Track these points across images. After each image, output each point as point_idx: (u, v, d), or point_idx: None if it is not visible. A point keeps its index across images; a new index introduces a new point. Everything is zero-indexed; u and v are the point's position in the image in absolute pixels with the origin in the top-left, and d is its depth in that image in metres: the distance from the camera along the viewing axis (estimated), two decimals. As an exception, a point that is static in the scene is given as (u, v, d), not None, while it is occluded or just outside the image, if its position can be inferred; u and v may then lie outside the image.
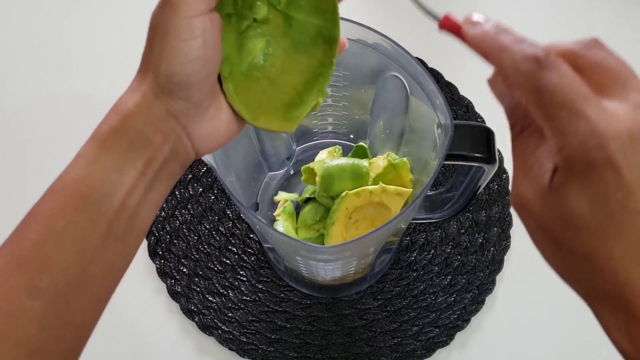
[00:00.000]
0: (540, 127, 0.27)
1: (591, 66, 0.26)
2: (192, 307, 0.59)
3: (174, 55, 0.31)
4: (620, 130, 0.24)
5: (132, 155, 0.32)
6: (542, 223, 0.26)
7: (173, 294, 0.59)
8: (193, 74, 0.31)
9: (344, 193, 0.51)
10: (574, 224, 0.25)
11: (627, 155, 0.24)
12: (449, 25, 0.31)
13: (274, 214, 0.57)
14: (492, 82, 0.29)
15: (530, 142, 0.28)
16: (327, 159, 0.55)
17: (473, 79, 0.69)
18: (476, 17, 0.28)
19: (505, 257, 0.61)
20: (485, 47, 0.27)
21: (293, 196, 0.58)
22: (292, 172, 0.62)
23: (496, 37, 0.26)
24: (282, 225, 0.54)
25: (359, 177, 0.52)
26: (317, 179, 0.53)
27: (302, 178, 0.55)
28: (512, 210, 0.63)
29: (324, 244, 0.53)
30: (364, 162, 0.54)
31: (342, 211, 0.51)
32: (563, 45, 0.27)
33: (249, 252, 0.61)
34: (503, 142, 0.45)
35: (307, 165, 0.54)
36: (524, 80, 0.25)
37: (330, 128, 0.61)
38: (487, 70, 0.28)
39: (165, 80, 0.31)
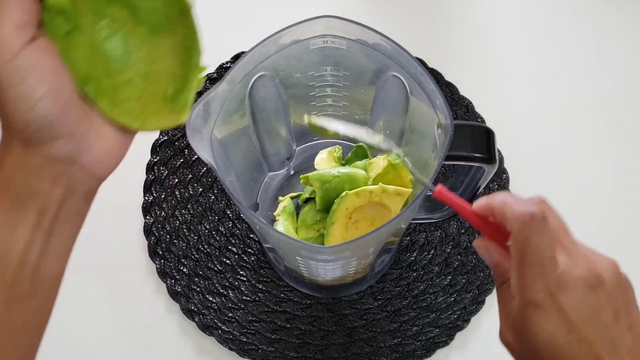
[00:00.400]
0: None
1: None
2: (192, 307, 0.59)
3: (17, 105, 0.28)
4: (563, 296, 0.33)
5: (20, 211, 0.30)
6: (518, 353, 0.36)
7: (173, 294, 0.59)
8: (47, 113, 0.29)
9: (343, 193, 0.51)
10: (538, 351, 0.34)
11: (572, 310, 0.33)
12: (445, 194, 0.38)
13: (274, 213, 0.57)
14: (478, 245, 0.37)
15: (508, 293, 0.36)
16: (324, 169, 0.54)
17: (473, 79, 0.69)
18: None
19: (505, 257, 0.61)
20: (491, 202, 0.35)
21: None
22: (292, 172, 0.62)
23: (502, 196, 0.35)
24: (283, 225, 0.54)
25: (357, 186, 0.53)
26: (317, 199, 0.53)
27: (301, 182, 0.55)
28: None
29: (324, 244, 0.53)
30: (361, 171, 0.54)
31: (342, 211, 0.51)
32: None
33: (249, 252, 0.61)
34: (503, 142, 0.45)
35: (306, 175, 0.54)
36: (523, 228, 0.33)
37: (330, 128, 0.61)
38: (487, 70, 0.28)
39: (25, 131, 0.29)
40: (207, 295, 0.59)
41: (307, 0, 0.70)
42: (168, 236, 0.61)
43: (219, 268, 0.61)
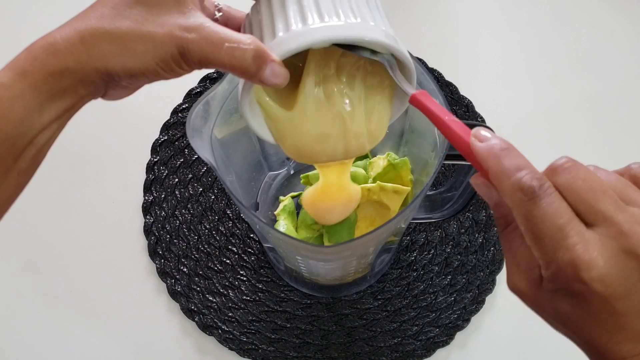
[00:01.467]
0: None
1: (567, 190, 0.29)
2: (192, 307, 0.59)
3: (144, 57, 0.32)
4: (596, 260, 0.27)
5: (58, 100, 0.32)
6: (537, 307, 0.31)
7: (173, 294, 0.59)
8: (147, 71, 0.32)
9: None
10: (563, 317, 0.30)
11: (603, 281, 0.27)
12: (421, 100, 0.34)
13: (275, 212, 0.57)
14: (475, 182, 0.33)
15: (515, 236, 0.32)
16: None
17: (473, 79, 0.69)
18: (483, 132, 0.31)
19: (505, 256, 0.61)
20: (488, 163, 0.30)
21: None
22: (292, 172, 0.62)
23: (500, 158, 0.30)
24: (283, 224, 0.54)
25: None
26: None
27: (301, 182, 0.55)
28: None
29: (324, 244, 0.53)
30: (360, 170, 0.54)
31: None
32: (544, 171, 0.30)
33: (249, 251, 0.61)
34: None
35: (306, 174, 0.54)
36: (518, 205, 0.29)
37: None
38: (487, 70, 0.28)
39: (121, 75, 0.32)
40: (207, 295, 0.59)
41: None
42: (168, 236, 0.61)
43: (219, 268, 0.61)
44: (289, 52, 0.34)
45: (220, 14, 0.38)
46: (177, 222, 0.62)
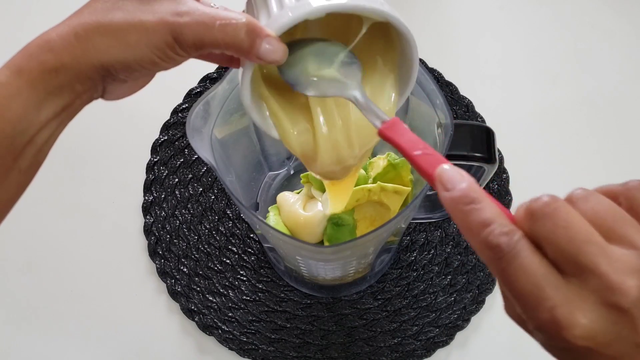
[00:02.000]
0: None
1: (546, 240, 0.26)
2: (192, 307, 0.59)
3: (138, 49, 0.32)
4: (579, 321, 0.25)
5: (55, 98, 0.32)
6: (532, 336, 0.30)
7: (173, 294, 0.59)
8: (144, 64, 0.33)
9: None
10: (553, 354, 0.29)
11: (589, 338, 0.25)
12: (388, 134, 0.32)
13: (269, 207, 0.57)
14: None
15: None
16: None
17: (473, 79, 0.69)
18: (450, 175, 0.28)
19: (505, 257, 0.61)
20: (455, 218, 0.28)
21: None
22: (292, 172, 0.62)
23: (465, 213, 0.27)
24: (273, 219, 0.54)
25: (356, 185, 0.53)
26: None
27: (301, 182, 0.55)
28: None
29: (323, 244, 0.53)
30: (361, 170, 0.54)
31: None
32: (522, 212, 0.27)
33: (249, 251, 0.61)
34: (503, 142, 0.45)
35: (306, 174, 0.54)
36: (489, 263, 0.27)
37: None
38: (487, 70, 0.28)
39: (115, 68, 0.32)
40: (207, 295, 0.59)
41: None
42: (168, 236, 0.61)
43: (219, 268, 0.61)
44: (283, 26, 0.33)
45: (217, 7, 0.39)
46: (177, 222, 0.62)
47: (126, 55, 0.32)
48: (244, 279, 0.60)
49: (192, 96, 0.68)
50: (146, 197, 0.63)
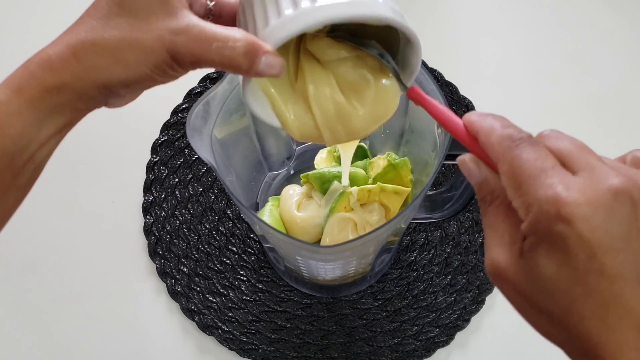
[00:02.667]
0: (508, 199, 0.29)
1: (554, 148, 0.29)
2: (192, 307, 0.59)
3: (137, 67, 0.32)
4: (580, 198, 0.26)
5: (56, 116, 0.32)
6: (517, 287, 0.28)
7: (173, 294, 0.59)
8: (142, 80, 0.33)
9: (341, 191, 0.51)
10: (546, 287, 0.26)
11: (588, 221, 0.25)
12: (418, 92, 0.35)
13: (270, 197, 0.57)
14: (462, 159, 0.33)
15: (499, 211, 0.30)
16: (324, 168, 0.54)
17: (473, 79, 0.69)
18: (475, 113, 0.32)
19: (505, 257, 0.61)
20: (478, 126, 0.31)
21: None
22: (292, 172, 0.62)
23: (490, 119, 0.31)
24: (268, 212, 0.54)
25: (356, 185, 0.53)
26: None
27: (301, 182, 0.55)
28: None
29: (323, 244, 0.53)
30: (361, 171, 0.54)
31: (341, 209, 0.51)
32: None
33: (249, 252, 0.61)
34: (503, 142, 0.45)
35: (306, 174, 0.54)
36: (504, 152, 0.29)
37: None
38: (487, 70, 0.28)
39: (115, 86, 0.32)
40: (207, 295, 0.59)
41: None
42: (168, 236, 0.61)
43: (219, 268, 0.61)
44: (281, 40, 0.33)
45: (213, 2, 0.38)
46: (177, 222, 0.62)
47: (126, 75, 0.32)
48: (244, 279, 0.60)
49: (192, 96, 0.68)
50: (146, 197, 0.63)
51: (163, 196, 0.63)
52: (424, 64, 0.67)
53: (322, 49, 0.36)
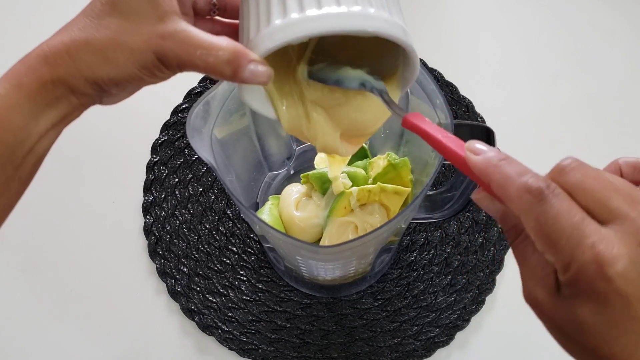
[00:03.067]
0: None
1: (577, 189, 0.28)
2: (192, 307, 0.59)
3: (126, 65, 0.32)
4: (619, 257, 0.26)
5: (53, 109, 0.33)
6: (553, 320, 0.29)
7: (173, 294, 0.59)
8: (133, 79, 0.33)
9: (341, 192, 0.51)
10: (581, 327, 0.28)
11: (626, 276, 0.26)
12: (414, 122, 0.33)
13: (270, 196, 0.57)
14: (478, 198, 0.32)
15: (527, 244, 0.30)
16: (324, 168, 0.55)
17: (473, 79, 0.69)
18: (478, 145, 0.30)
19: (505, 256, 0.61)
20: (489, 174, 0.29)
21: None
22: (292, 172, 0.62)
23: (500, 167, 0.29)
24: (267, 211, 0.54)
25: (356, 185, 0.53)
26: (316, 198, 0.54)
27: (301, 182, 0.55)
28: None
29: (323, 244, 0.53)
30: (360, 170, 0.54)
31: (341, 210, 0.51)
32: (549, 172, 0.29)
33: (249, 251, 0.61)
34: (503, 142, 0.45)
35: (306, 174, 0.54)
36: (527, 209, 0.28)
37: (330, 128, 0.61)
38: (487, 70, 0.28)
39: (107, 83, 0.33)
40: (207, 295, 0.59)
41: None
42: (168, 236, 0.61)
43: (219, 268, 0.61)
44: (268, 50, 0.33)
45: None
46: (177, 222, 0.62)
47: (115, 74, 0.33)
48: (244, 279, 0.60)
49: (192, 96, 0.68)
50: (146, 197, 0.63)
51: (163, 196, 0.63)
52: (424, 63, 0.67)
53: (304, 87, 0.38)
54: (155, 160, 0.64)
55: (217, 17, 0.40)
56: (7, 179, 0.33)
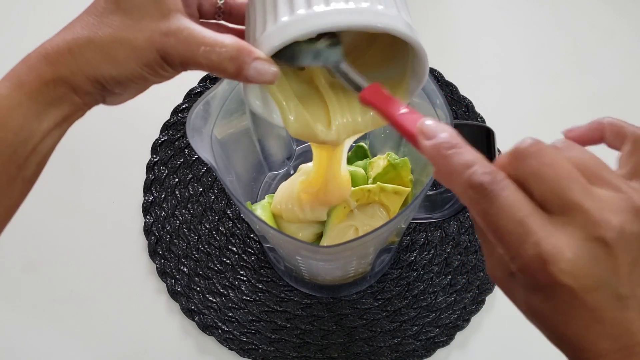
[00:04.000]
0: None
1: (532, 178, 0.27)
2: (193, 307, 0.59)
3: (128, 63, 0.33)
4: (564, 254, 0.25)
5: (55, 109, 0.33)
6: (512, 298, 0.29)
7: (173, 294, 0.59)
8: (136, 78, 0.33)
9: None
10: (534, 311, 0.28)
11: (571, 272, 0.25)
12: (369, 99, 0.32)
13: (266, 195, 0.57)
14: (437, 177, 0.30)
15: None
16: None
17: (473, 79, 0.69)
18: (430, 126, 0.29)
19: (505, 257, 0.61)
20: (436, 164, 0.28)
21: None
22: (292, 172, 0.62)
23: (448, 158, 0.28)
24: (261, 208, 0.54)
25: (355, 185, 0.53)
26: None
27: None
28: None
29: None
30: (360, 170, 0.54)
31: (341, 210, 0.51)
32: (506, 156, 0.28)
33: (249, 251, 0.61)
34: (503, 142, 0.45)
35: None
36: (472, 205, 0.27)
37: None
38: (487, 70, 0.28)
39: (110, 82, 0.33)
40: (207, 295, 0.59)
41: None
42: (168, 236, 0.61)
43: (219, 268, 0.61)
44: (274, 48, 0.32)
45: (222, 0, 0.39)
46: (177, 222, 0.62)
47: (118, 72, 0.33)
48: (244, 279, 0.60)
49: (192, 96, 0.68)
50: (146, 197, 0.63)
51: (163, 196, 0.63)
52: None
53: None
54: (155, 160, 0.64)
55: (223, 22, 0.40)
56: (10, 179, 0.33)
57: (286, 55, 0.34)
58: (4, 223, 0.35)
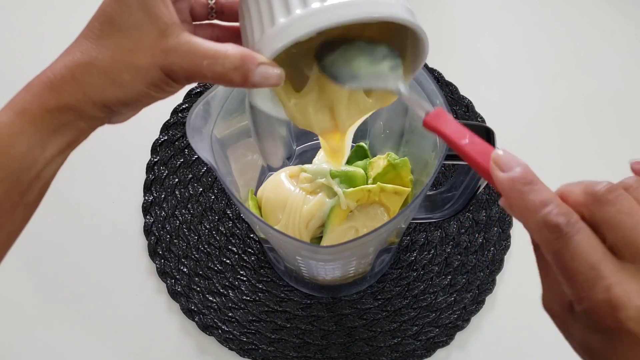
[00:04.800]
0: None
1: (607, 225, 0.27)
2: (193, 307, 0.59)
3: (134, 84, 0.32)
4: (635, 301, 0.26)
5: (59, 135, 0.33)
6: (566, 331, 0.30)
7: (173, 294, 0.59)
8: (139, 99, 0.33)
9: (341, 192, 0.51)
10: (590, 348, 0.29)
11: (637, 319, 0.26)
12: (435, 125, 0.31)
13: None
14: (504, 206, 0.30)
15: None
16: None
17: (473, 79, 0.69)
18: (505, 158, 0.29)
19: (505, 257, 0.61)
20: (510, 198, 0.28)
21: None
22: (292, 172, 0.62)
23: (523, 194, 0.28)
24: (250, 193, 0.55)
25: (355, 185, 0.53)
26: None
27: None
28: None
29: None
30: (360, 170, 0.54)
31: (341, 211, 0.51)
32: (581, 195, 0.28)
33: (249, 251, 0.61)
34: (503, 142, 0.45)
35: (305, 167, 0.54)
36: (545, 244, 0.27)
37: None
38: (487, 70, 0.28)
39: (114, 105, 0.33)
40: (207, 295, 0.59)
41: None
42: (168, 236, 0.61)
43: (219, 268, 0.61)
44: (276, 52, 0.32)
45: (213, 0, 0.38)
46: (177, 222, 0.62)
47: (123, 95, 0.32)
48: (244, 279, 0.60)
49: (192, 96, 0.68)
50: (146, 197, 0.63)
51: (163, 196, 0.63)
52: (424, 64, 0.67)
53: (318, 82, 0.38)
54: (155, 160, 0.64)
55: (216, 21, 0.39)
56: (13, 205, 0.33)
57: (342, 74, 0.35)
58: (7, 248, 0.35)
